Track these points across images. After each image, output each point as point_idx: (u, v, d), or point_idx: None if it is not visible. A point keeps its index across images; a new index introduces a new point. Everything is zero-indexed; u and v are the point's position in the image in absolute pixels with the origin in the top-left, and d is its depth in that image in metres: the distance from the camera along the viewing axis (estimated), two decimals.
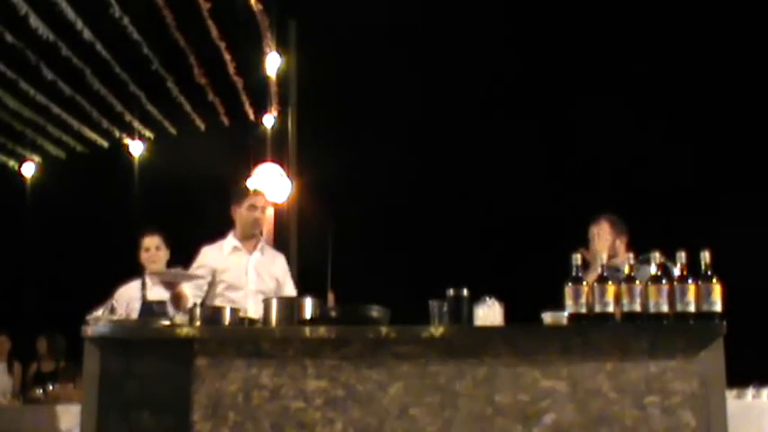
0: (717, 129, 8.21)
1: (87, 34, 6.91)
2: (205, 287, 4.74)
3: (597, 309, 3.44)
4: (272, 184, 8.35)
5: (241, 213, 4.82)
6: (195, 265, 4.81)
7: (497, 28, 8.44)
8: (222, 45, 7.50)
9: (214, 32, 7.28)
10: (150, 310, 5.19)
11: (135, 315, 5.15)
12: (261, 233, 5.00)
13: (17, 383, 7.66)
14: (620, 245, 5.00)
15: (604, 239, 4.95)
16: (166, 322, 3.84)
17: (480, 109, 8.93)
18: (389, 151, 8.20)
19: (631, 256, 3.59)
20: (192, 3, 6.83)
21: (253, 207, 4.82)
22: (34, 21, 6.49)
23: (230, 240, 4.85)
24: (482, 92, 8.84)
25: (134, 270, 5.49)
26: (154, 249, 5.31)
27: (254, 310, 4.28)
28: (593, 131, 8.45)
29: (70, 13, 6.56)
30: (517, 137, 8.66)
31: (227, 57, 7.70)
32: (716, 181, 8.08)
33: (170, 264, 5.39)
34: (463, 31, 8.66)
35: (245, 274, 4.76)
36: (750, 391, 5.42)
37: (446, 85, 8.85)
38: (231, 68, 7.87)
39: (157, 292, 5.29)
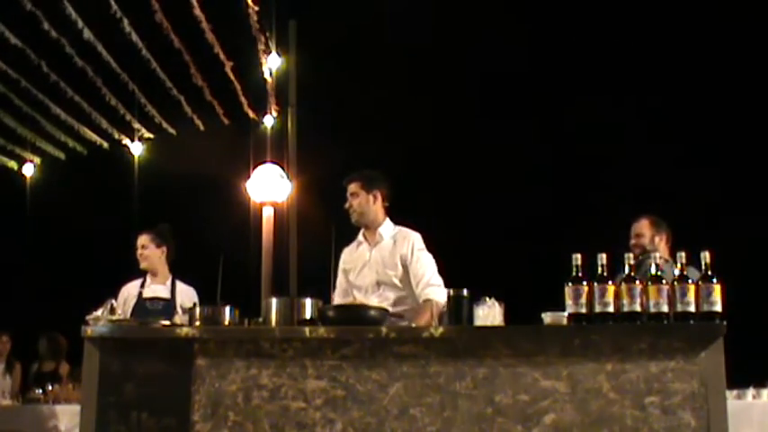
0: (716, 129, 8.20)
1: (88, 34, 6.92)
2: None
3: (597, 309, 3.44)
4: (271, 184, 8.32)
5: None
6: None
7: (498, 26, 8.41)
8: (221, 45, 7.49)
9: (213, 32, 7.28)
10: (144, 307, 5.31)
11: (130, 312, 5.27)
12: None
13: (17, 383, 7.66)
14: (660, 242, 5.15)
15: (643, 235, 5.10)
16: (166, 322, 3.84)
17: (480, 108, 8.91)
18: (389, 151, 8.18)
19: (630, 256, 3.58)
20: (192, 3, 6.83)
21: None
22: (37, 18, 6.50)
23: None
24: (482, 90, 8.82)
25: (133, 270, 5.55)
26: (140, 248, 5.49)
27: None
28: (593, 131, 8.43)
29: (71, 13, 6.56)
30: (517, 137, 8.65)
31: (227, 57, 7.70)
32: (716, 181, 8.07)
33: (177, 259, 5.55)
34: (463, 30, 8.64)
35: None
36: (750, 391, 5.42)
37: (446, 84, 8.83)
38: (230, 69, 7.87)
39: (154, 290, 5.42)
